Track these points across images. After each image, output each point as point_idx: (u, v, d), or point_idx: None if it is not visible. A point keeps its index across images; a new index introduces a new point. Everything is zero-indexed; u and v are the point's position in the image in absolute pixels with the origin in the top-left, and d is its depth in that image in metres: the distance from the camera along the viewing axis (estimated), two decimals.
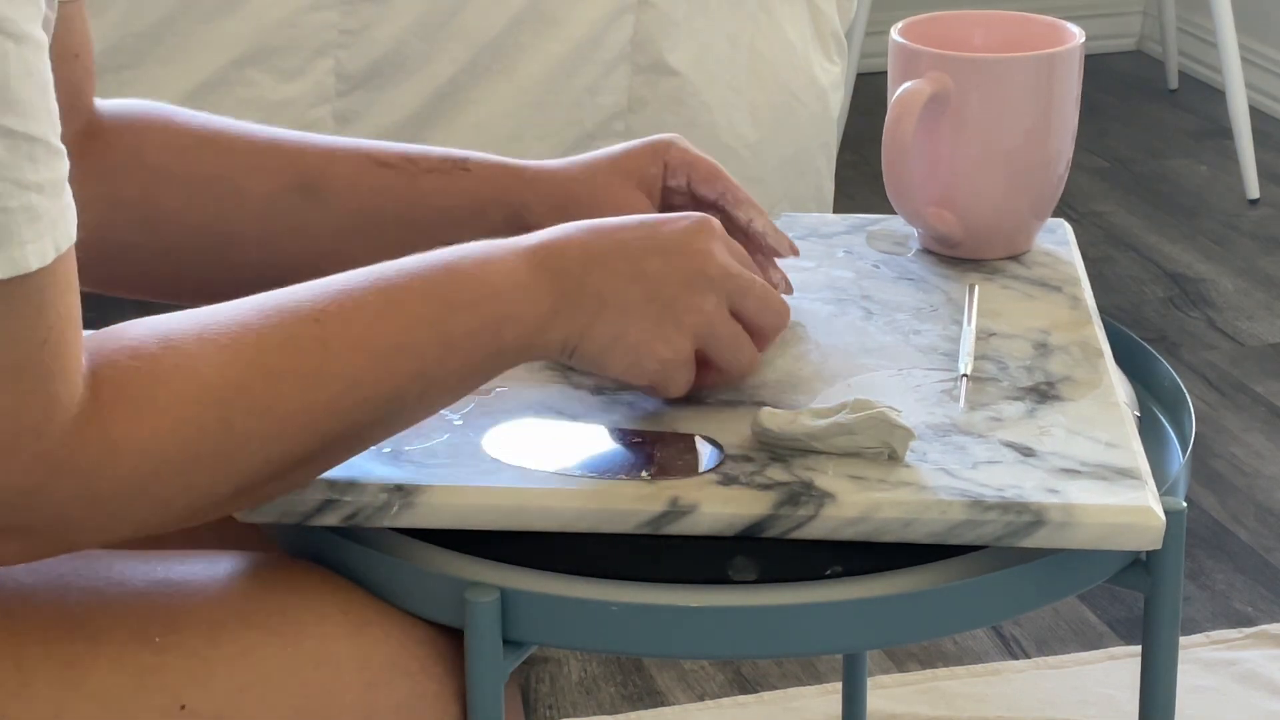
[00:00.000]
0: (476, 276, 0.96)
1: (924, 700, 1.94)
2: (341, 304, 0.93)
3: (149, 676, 0.91)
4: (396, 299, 0.94)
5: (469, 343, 0.95)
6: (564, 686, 1.96)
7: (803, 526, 0.96)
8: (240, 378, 0.89)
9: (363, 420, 0.93)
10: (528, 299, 0.97)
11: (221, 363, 0.89)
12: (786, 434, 1.00)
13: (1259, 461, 2.41)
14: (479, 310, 0.95)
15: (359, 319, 0.93)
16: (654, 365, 1.00)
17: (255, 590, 0.96)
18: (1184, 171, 3.36)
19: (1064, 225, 1.30)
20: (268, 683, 0.93)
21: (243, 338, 0.90)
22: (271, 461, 0.91)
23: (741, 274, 1.03)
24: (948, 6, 3.45)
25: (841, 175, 2.86)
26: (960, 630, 0.99)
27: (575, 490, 0.97)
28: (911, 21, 1.27)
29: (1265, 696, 1.95)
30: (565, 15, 2.02)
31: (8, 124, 0.80)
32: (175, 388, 0.87)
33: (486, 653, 0.95)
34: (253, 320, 0.91)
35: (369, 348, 0.93)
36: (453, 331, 0.95)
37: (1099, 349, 1.12)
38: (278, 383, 0.90)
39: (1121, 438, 1.02)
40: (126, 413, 0.86)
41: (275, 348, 0.90)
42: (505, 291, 0.96)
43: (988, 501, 0.96)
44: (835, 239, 1.28)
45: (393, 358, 0.93)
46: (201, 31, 1.94)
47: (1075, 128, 1.25)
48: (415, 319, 0.94)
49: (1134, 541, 0.96)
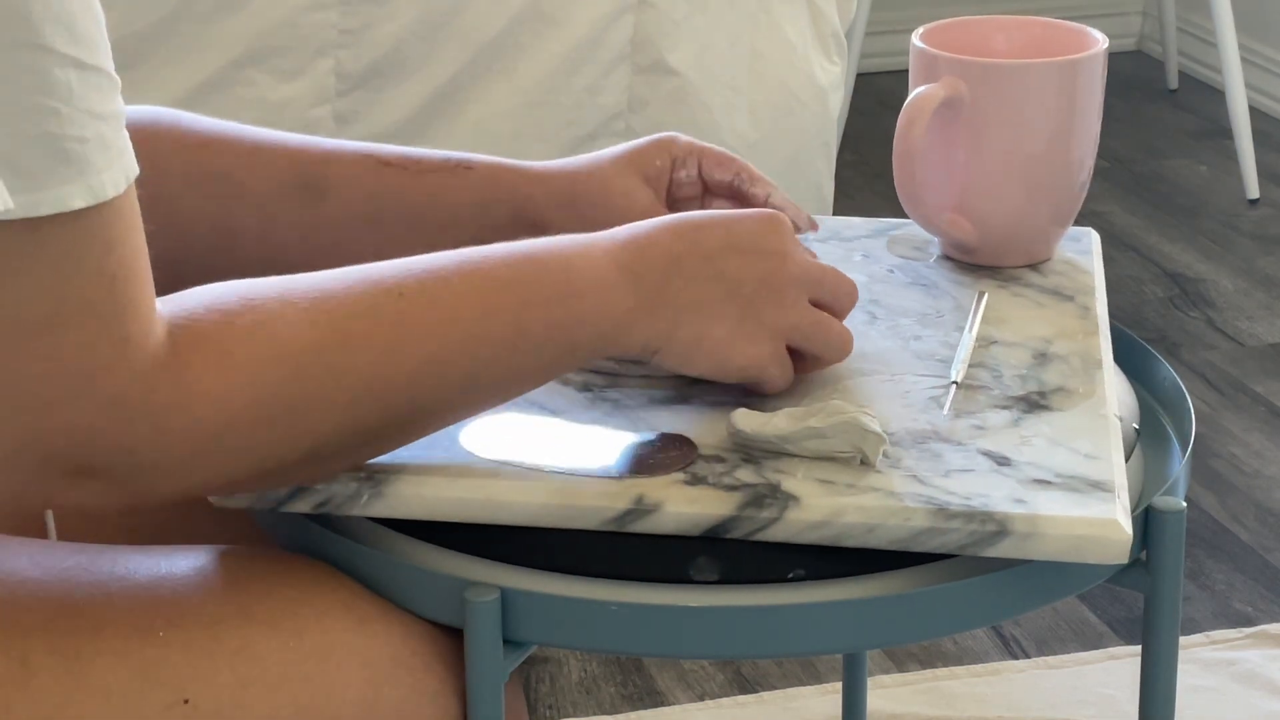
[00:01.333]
0: (560, 272, 0.97)
1: (924, 700, 1.94)
2: (424, 283, 0.94)
3: (152, 670, 0.92)
4: (479, 285, 0.95)
5: (546, 337, 0.97)
6: (564, 686, 1.96)
7: (766, 529, 0.96)
8: (318, 340, 0.91)
9: (432, 401, 0.95)
10: (609, 300, 0.98)
11: (300, 324, 0.90)
12: (759, 436, 1.00)
13: (1259, 461, 2.41)
14: (559, 307, 0.97)
15: (440, 300, 0.94)
16: (740, 363, 1.02)
17: (258, 585, 0.96)
18: (1184, 171, 3.36)
19: (1090, 234, 1.29)
20: (270, 677, 0.93)
21: (322, 303, 0.92)
22: (341, 430, 0.92)
23: (813, 265, 1.04)
24: (950, 8, 3.45)
25: (841, 175, 2.87)
26: (960, 630, 0.99)
27: (541, 485, 0.98)
28: (932, 27, 1.26)
29: (1265, 696, 1.95)
30: (565, 15, 2.02)
31: (79, 56, 0.82)
32: (252, 344, 0.89)
33: (486, 653, 0.95)
34: (335, 288, 0.93)
35: (446, 329, 0.94)
36: (530, 325, 0.96)
37: (1099, 360, 1.11)
38: (354, 350, 0.92)
39: (1103, 449, 1.01)
40: (202, 363, 0.87)
41: (355, 316, 0.92)
42: (587, 291, 0.97)
43: (952, 510, 0.95)
44: (855, 242, 1.27)
45: (469, 343, 0.95)
46: (201, 31, 1.94)
47: (1097, 135, 1.24)
48: (495, 307, 0.95)
49: (1099, 554, 0.95)
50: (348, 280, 0.93)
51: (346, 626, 0.96)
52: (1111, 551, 0.95)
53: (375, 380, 0.92)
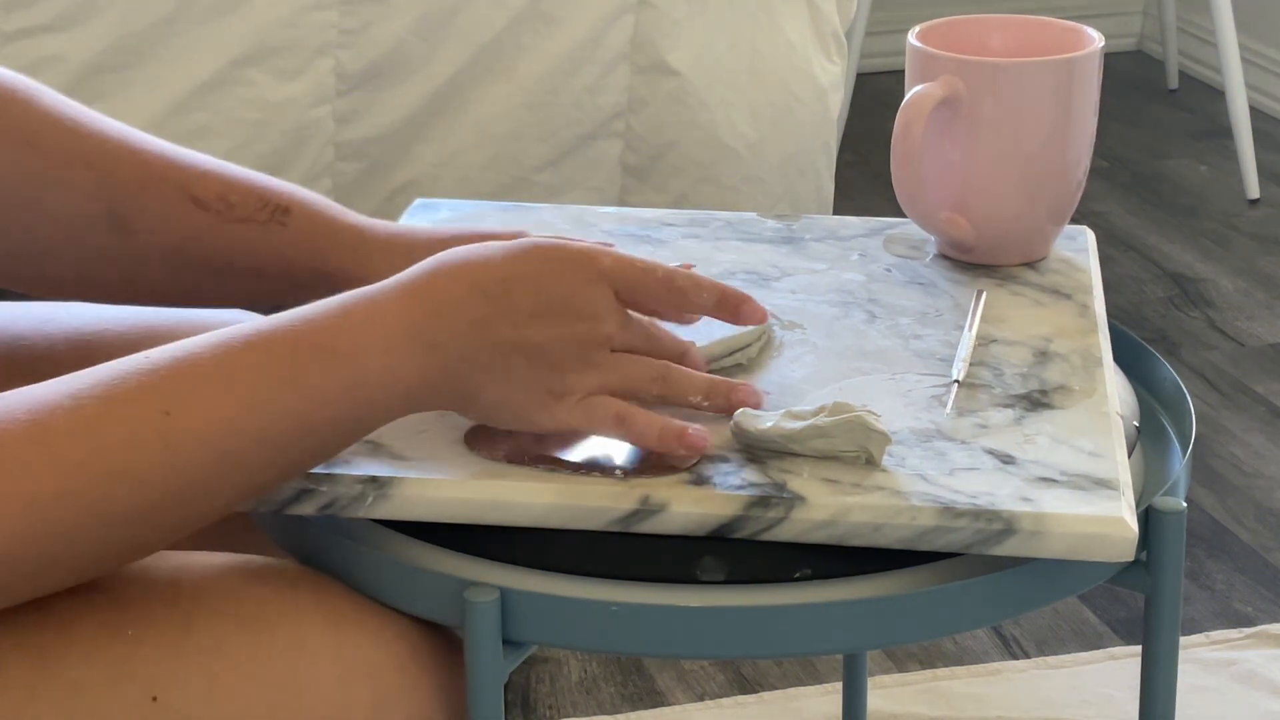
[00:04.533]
0: (342, 359, 0.92)
1: (924, 700, 1.94)
2: (195, 389, 0.89)
3: (120, 668, 0.91)
4: (252, 393, 0.90)
5: (332, 431, 0.93)
6: (564, 686, 1.96)
7: (772, 529, 0.96)
8: (67, 488, 0.86)
9: (212, 510, 0.91)
10: (400, 378, 0.94)
11: (48, 469, 0.85)
12: (764, 435, 1.00)
13: (1259, 461, 2.41)
14: (345, 398, 0.92)
15: (215, 406, 0.89)
16: (551, 425, 0.98)
17: (229, 584, 0.95)
18: (1184, 171, 3.36)
19: (1085, 232, 1.29)
20: (240, 675, 0.92)
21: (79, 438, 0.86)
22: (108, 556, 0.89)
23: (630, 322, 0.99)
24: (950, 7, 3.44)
25: (841, 175, 2.87)
26: (960, 630, 0.99)
27: (547, 486, 0.98)
28: (929, 26, 1.26)
29: (1265, 696, 1.95)
30: (565, 15, 2.02)
31: None
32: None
33: (486, 653, 0.95)
34: (92, 411, 0.87)
35: (223, 442, 0.89)
36: (317, 424, 0.92)
37: (1099, 358, 1.11)
38: (113, 487, 0.87)
39: (1106, 448, 1.02)
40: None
41: (116, 447, 0.87)
42: (377, 374, 0.93)
43: (959, 508, 0.95)
44: (852, 242, 1.27)
45: (249, 451, 0.90)
46: (201, 31, 1.94)
47: (1094, 134, 1.24)
48: (277, 413, 0.90)
49: (1106, 552, 0.95)
50: (110, 396, 0.87)
51: (319, 626, 0.95)
52: (1117, 549, 0.95)
53: (142, 510, 0.88)
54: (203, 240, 1.11)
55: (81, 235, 1.11)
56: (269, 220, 1.11)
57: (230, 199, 1.11)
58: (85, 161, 1.11)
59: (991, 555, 0.96)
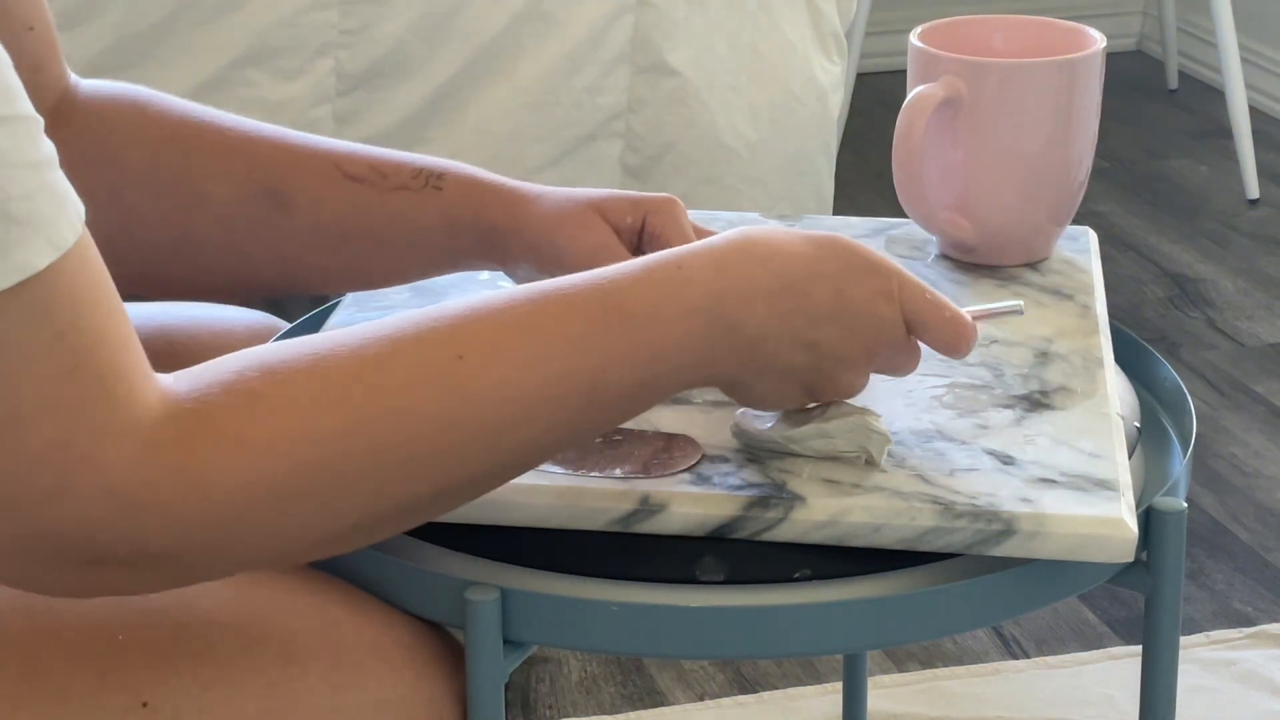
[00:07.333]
0: (647, 330, 0.90)
1: (924, 700, 1.93)
2: (487, 341, 0.87)
3: (110, 674, 0.90)
4: (547, 345, 0.88)
5: (619, 399, 0.91)
6: (564, 686, 1.96)
7: (772, 529, 0.96)
8: (355, 420, 0.84)
9: (488, 471, 0.89)
10: (692, 364, 0.92)
11: (335, 403, 0.84)
12: (764, 436, 1.00)
13: (1259, 461, 2.41)
14: (637, 362, 0.90)
15: (506, 360, 0.87)
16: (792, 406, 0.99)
17: (221, 591, 0.94)
18: (1184, 171, 3.36)
19: (1088, 233, 1.29)
20: (231, 681, 0.92)
21: (366, 375, 0.85)
22: (379, 505, 0.86)
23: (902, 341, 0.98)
24: (949, 8, 3.44)
25: (841, 175, 2.86)
26: (962, 630, 0.99)
27: (548, 486, 0.98)
28: (930, 26, 1.26)
29: (1265, 696, 1.95)
30: (565, 15, 2.02)
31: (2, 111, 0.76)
32: (274, 426, 0.82)
33: (486, 653, 0.95)
34: (381, 352, 0.86)
35: (509, 394, 0.87)
36: (604, 383, 0.90)
37: (1100, 358, 1.11)
38: (399, 425, 0.85)
39: (1106, 448, 1.02)
40: (211, 449, 0.81)
41: (404, 387, 0.85)
42: (670, 344, 0.91)
43: (958, 509, 0.96)
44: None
45: (532, 407, 0.88)
46: (201, 31, 1.94)
47: (1095, 134, 1.24)
48: (567, 370, 0.88)
49: (1106, 553, 0.95)
50: (397, 339, 0.86)
51: (313, 631, 0.95)
52: (1117, 550, 0.95)
53: (420, 456, 0.86)
54: (362, 212, 1.10)
55: (236, 220, 1.10)
56: (424, 187, 1.10)
57: (382, 169, 1.11)
58: (234, 149, 1.10)
59: (991, 556, 0.96)
